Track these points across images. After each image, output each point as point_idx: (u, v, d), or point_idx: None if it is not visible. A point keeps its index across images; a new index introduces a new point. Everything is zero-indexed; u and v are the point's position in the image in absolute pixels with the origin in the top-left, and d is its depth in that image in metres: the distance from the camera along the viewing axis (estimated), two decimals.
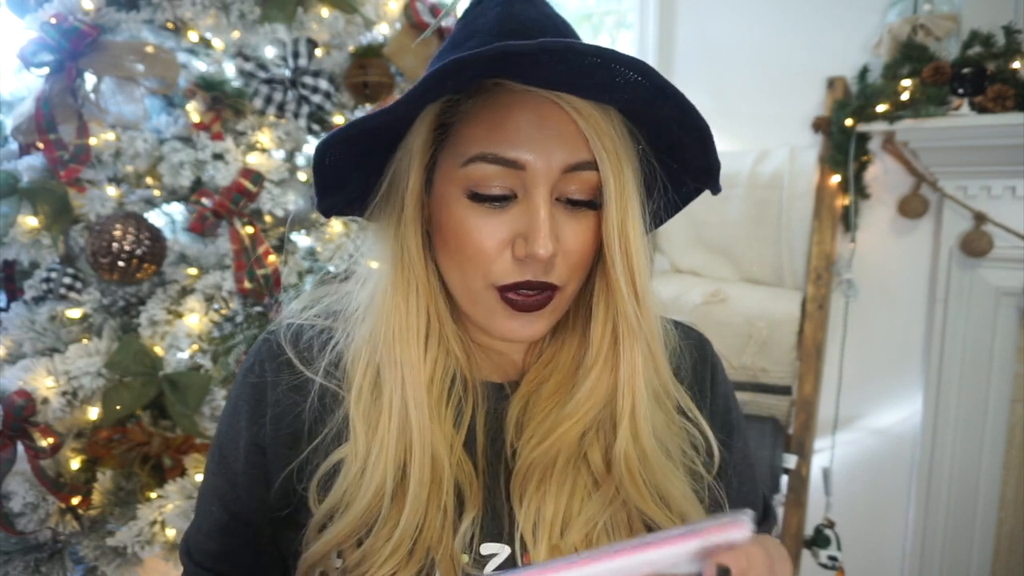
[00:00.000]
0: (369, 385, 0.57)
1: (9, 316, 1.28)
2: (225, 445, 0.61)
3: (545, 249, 0.50)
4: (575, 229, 0.53)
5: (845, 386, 1.92)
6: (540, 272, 0.53)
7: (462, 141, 0.53)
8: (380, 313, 0.57)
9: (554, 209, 0.52)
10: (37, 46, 1.22)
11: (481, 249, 0.52)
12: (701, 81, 2.17)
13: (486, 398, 0.60)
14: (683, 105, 0.50)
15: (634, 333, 0.55)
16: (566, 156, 0.51)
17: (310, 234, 1.47)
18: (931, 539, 1.88)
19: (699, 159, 0.56)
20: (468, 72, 0.48)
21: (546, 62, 0.47)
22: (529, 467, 0.57)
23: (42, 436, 1.16)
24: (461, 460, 0.57)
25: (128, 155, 1.30)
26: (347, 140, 0.53)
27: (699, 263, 2.08)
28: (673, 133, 0.54)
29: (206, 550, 0.61)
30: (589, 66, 0.47)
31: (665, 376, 0.59)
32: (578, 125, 0.51)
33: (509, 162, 0.51)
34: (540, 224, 0.50)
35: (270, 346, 0.62)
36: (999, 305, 1.77)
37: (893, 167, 1.89)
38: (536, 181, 0.51)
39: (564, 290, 0.55)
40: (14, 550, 1.21)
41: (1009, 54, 1.67)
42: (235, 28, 1.37)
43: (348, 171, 0.57)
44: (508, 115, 0.51)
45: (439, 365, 0.58)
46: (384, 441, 0.55)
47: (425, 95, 0.49)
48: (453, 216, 0.53)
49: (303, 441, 0.58)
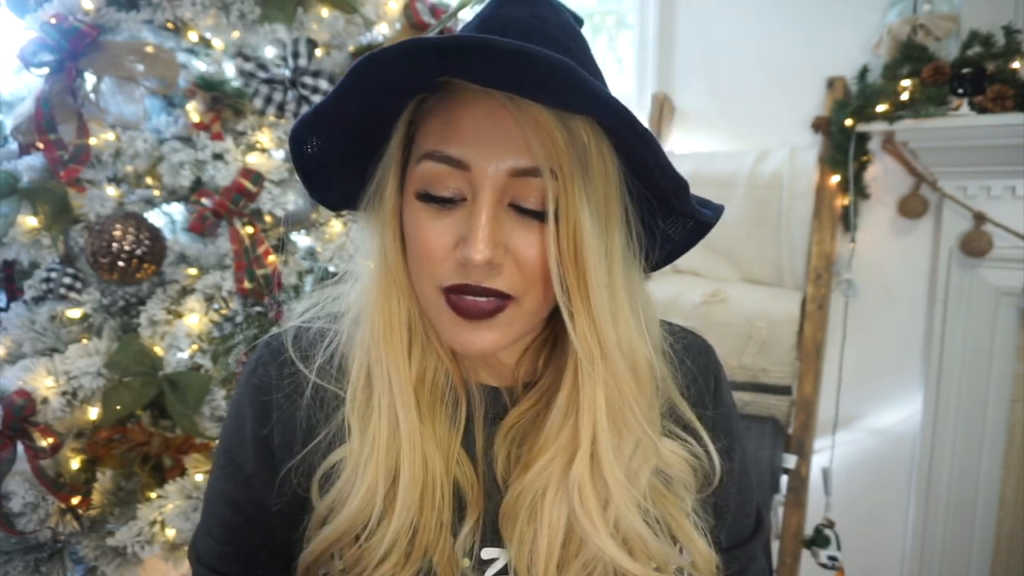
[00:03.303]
0: (363, 385, 0.57)
1: (9, 316, 1.28)
2: (232, 448, 0.61)
3: (481, 254, 0.47)
4: (527, 239, 0.50)
5: (845, 386, 1.92)
6: (483, 277, 0.50)
7: (421, 139, 0.53)
8: (367, 315, 0.57)
9: (505, 215, 0.50)
10: (37, 46, 1.22)
11: (428, 251, 0.51)
12: (701, 81, 2.17)
13: (483, 402, 0.60)
14: (616, 109, 0.46)
15: (589, 368, 0.51)
16: (515, 160, 0.48)
17: (310, 234, 1.47)
18: (931, 539, 1.88)
19: (659, 175, 0.51)
20: (400, 68, 0.46)
21: (474, 63, 0.44)
22: (517, 500, 0.56)
23: (42, 436, 1.16)
24: (461, 461, 0.57)
25: (128, 155, 1.30)
26: (325, 134, 0.53)
27: (699, 263, 2.08)
28: (633, 148, 0.50)
29: (219, 553, 0.60)
30: (511, 68, 0.43)
31: (642, 406, 0.54)
32: (527, 131, 0.48)
33: (455, 161, 0.49)
34: (478, 228, 0.48)
35: (272, 348, 0.62)
36: (999, 305, 1.77)
37: (893, 167, 1.89)
38: (482, 184, 0.49)
39: (521, 303, 0.52)
40: (14, 550, 1.21)
41: (1009, 54, 1.67)
42: (235, 28, 1.37)
43: (338, 170, 0.57)
44: (461, 114, 0.50)
45: (428, 368, 0.57)
46: (375, 440, 0.55)
47: (351, 87, 0.47)
48: (409, 216, 0.53)
49: (307, 442, 0.58)
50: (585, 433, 0.53)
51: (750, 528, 0.68)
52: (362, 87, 0.48)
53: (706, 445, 0.60)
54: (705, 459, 0.60)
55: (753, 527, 0.68)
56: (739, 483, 0.66)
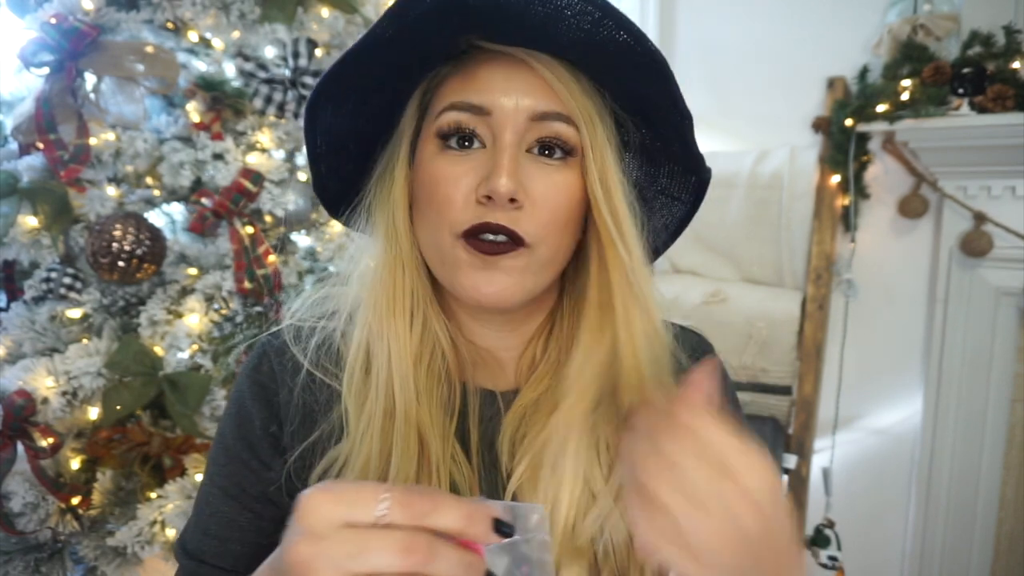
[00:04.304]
0: (361, 364, 0.57)
1: (9, 316, 1.28)
2: (235, 445, 0.60)
3: (504, 186, 0.49)
4: (545, 182, 0.52)
5: (845, 386, 1.92)
6: (503, 217, 0.51)
7: (438, 100, 0.55)
8: (371, 287, 0.57)
9: (525, 159, 0.52)
10: (37, 46, 1.22)
11: (448, 196, 0.52)
12: (701, 81, 2.17)
13: (477, 398, 0.60)
14: (637, 34, 0.49)
15: (628, 285, 0.53)
16: (534, 103, 0.52)
17: (310, 234, 1.47)
18: (931, 539, 1.88)
19: (668, 112, 0.54)
20: (428, 24, 0.49)
21: (502, 12, 0.48)
22: (539, 456, 0.54)
23: (42, 436, 1.16)
24: (455, 454, 0.56)
25: (128, 155, 1.30)
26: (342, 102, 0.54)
27: (699, 263, 2.08)
28: (642, 90, 0.53)
29: (217, 550, 0.59)
30: (534, 10, 0.48)
31: (664, 342, 0.55)
32: (546, 80, 0.52)
33: (475, 108, 0.52)
34: (502, 162, 0.50)
35: (273, 345, 0.62)
36: (999, 305, 1.77)
37: (893, 167, 1.89)
38: (503, 126, 0.51)
39: (535, 250, 0.52)
40: (14, 550, 1.21)
41: (1009, 54, 1.67)
42: (235, 28, 1.37)
43: (346, 154, 0.58)
44: (478, 69, 0.53)
45: (426, 346, 0.58)
46: (371, 414, 0.55)
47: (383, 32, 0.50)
48: (427, 170, 0.54)
49: (307, 436, 0.58)
50: (624, 349, 0.53)
51: None
52: (391, 40, 0.50)
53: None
54: None
55: None
56: None
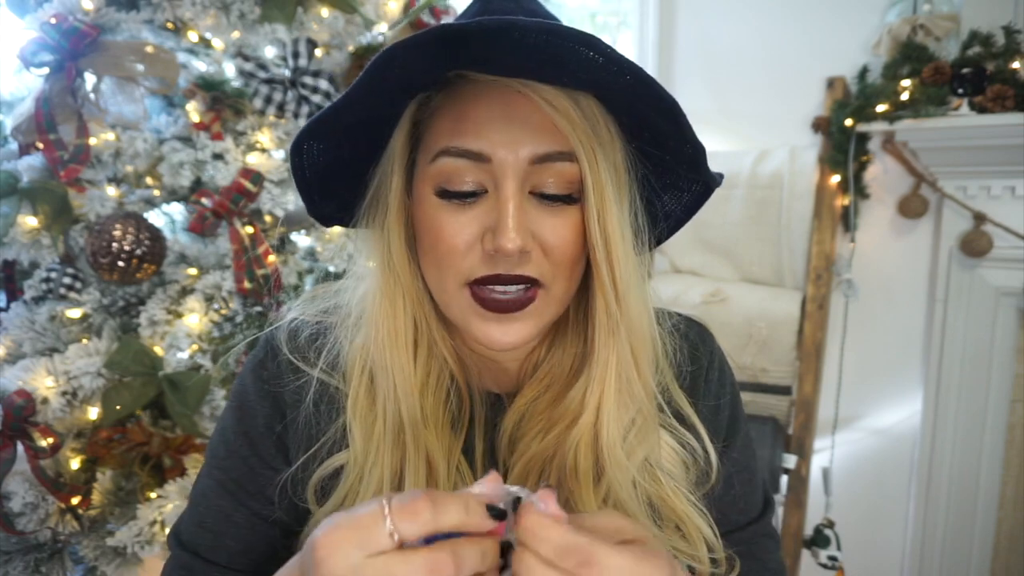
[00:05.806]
0: (365, 390, 0.57)
1: (9, 316, 1.28)
2: (236, 441, 0.60)
3: (512, 242, 0.47)
4: (554, 224, 0.51)
5: (845, 386, 1.92)
6: (513, 266, 0.50)
7: (431, 137, 0.52)
8: (370, 319, 0.56)
9: (529, 203, 0.50)
10: (37, 46, 1.22)
11: (452, 246, 0.50)
12: (701, 81, 2.17)
13: (483, 406, 0.60)
14: (643, 79, 0.47)
15: (610, 327, 0.52)
16: (534, 147, 0.49)
17: (310, 234, 1.47)
18: (931, 539, 1.88)
19: (678, 142, 0.52)
20: (418, 62, 0.46)
21: (496, 46, 0.45)
22: (527, 467, 0.56)
23: (42, 436, 1.16)
24: (460, 466, 0.57)
25: (128, 155, 1.30)
26: (327, 139, 0.52)
27: (699, 263, 2.08)
28: (650, 119, 0.51)
29: (211, 544, 0.60)
30: (538, 45, 0.44)
31: (646, 378, 0.55)
32: (545, 113, 0.49)
33: (474, 155, 0.49)
34: (507, 217, 0.48)
35: (271, 346, 0.62)
36: (999, 305, 1.77)
37: (893, 167, 1.89)
38: (504, 173, 0.49)
39: (550, 289, 0.52)
40: (14, 550, 1.21)
41: (1009, 54, 1.67)
42: (235, 28, 1.37)
43: (337, 179, 0.56)
44: (473, 107, 0.50)
45: (432, 371, 0.57)
46: (380, 447, 0.55)
47: (369, 84, 0.47)
48: (427, 215, 0.52)
49: (309, 444, 0.58)
50: (591, 402, 0.54)
51: (758, 508, 0.67)
52: (378, 86, 0.47)
53: (701, 437, 0.59)
54: (700, 452, 0.59)
55: (759, 511, 0.67)
56: (743, 470, 0.64)
